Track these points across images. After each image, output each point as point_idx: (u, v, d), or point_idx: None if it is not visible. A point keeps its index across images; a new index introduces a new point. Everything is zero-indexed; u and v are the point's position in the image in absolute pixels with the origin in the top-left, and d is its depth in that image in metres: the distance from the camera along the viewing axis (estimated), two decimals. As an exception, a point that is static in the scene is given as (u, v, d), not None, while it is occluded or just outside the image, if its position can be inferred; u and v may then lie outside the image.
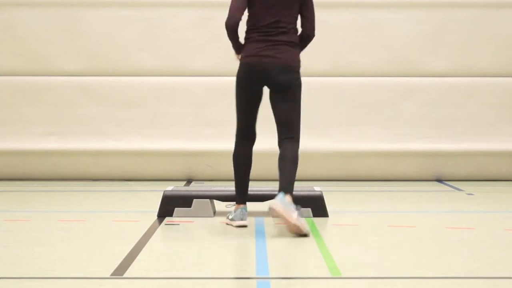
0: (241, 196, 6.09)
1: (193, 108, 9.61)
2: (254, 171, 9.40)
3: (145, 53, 9.61)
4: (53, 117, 9.57)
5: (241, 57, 5.95)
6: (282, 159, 5.90)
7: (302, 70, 9.48)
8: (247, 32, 5.96)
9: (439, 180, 9.58)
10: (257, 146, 9.81)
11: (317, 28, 9.62)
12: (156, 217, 6.38)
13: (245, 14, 5.97)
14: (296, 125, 6.03)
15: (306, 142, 9.77)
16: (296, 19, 5.98)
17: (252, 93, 5.95)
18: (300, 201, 6.42)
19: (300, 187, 6.79)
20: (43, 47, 9.56)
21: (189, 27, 9.62)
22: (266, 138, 9.30)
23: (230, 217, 6.05)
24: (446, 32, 9.61)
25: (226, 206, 6.42)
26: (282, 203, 5.57)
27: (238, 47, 5.93)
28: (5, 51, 9.56)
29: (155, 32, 9.62)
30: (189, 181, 9.35)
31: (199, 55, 9.57)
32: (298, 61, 6.09)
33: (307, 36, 6.10)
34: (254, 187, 6.62)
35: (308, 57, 9.70)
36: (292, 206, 5.57)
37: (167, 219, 6.31)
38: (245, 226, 5.93)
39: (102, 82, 9.62)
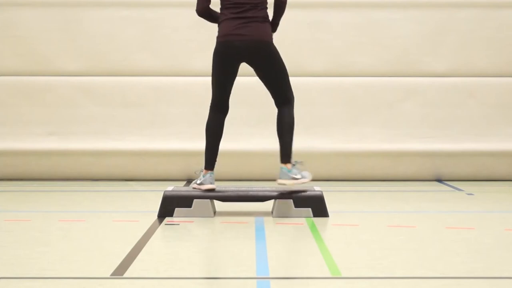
0: (212, 162, 6.49)
1: (193, 108, 9.60)
2: (253, 171, 9.44)
3: (145, 53, 9.61)
4: (53, 117, 9.57)
5: (217, 35, 6.34)
6: (279, 126, 6.39)
7: (301, 69, 9.55)
8: (220, 9, 6.33)
9: (439, 180, 9.58)
10: (256, 146, 9.85)
11: (317, 28, 9.68)
12: (156, 217, 6.38)
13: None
14: (284, 87, 6.38)
15: (306, 142, 9.80)
16: None
17: (226, 71, 6.36)
18: (300, 201, 6.44)
19: (300, 187, 6.80)
20: (43, 47, 9.56)
21: (189, 27, 9.62)
22: (265, 138, 9.32)
23: (198, 181, 6.46)
24: (446, 32, 9.61)
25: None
26: (285, 175, 6.34)
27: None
28: (5, 51, 9.56)
29: (155, 32, 9.62)
30: (189, 181, 9.35)
31: (199, 55, 9.57)
32: (270, 36, 6.36)
33: (281, 3, 6.34)
34: (254, 187, 6.62)
35: (308, 57, 9.75)
36: (293, 171, 6.35)
37: (167, 219, 6.32)
38: (213, 189, 6.42)
39: (102, 82, 9.62)
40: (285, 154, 6.35)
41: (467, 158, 9.56)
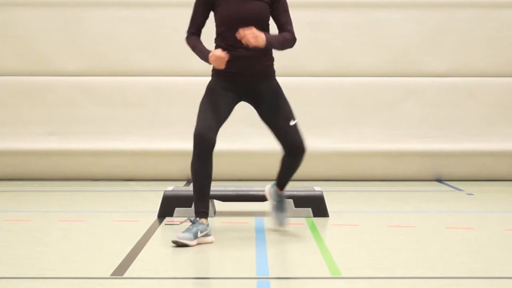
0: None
1: (193, 108, 9.53)
2: (253, 171, 9.44)
3: (145, 53, 9.61)
4: (53, 117, 9.57)
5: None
6: None
7: (302, 69, 9.57)
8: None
9: (439, 180, 9.58)
10: (256, 146, 9.83)
11: (317, 28, 9.68)
12: (156, 217, 6.38)
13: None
14: None
15: (306, 142, 9.79)
16: None
17: None
18: (300, 201, 6.44)
19: (300, 187, 6.80)
20: (43, 47, 9.56)
21: (189, 27, 9.61)
22: (265, 138, 9.32)
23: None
24: (446, 32, 9.61)
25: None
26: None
27: None
28: (6, 51, 9.57)
29: (155, 32, 9.62)
30: (189, 181, 9.35)
31: (199, 55, 9.55)
32: None
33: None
34: (254, 187, 6.62)
35: (308, 57, 9.75)
36: None
37: (167, 219, 6.32)
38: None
39: (102, 82, 9.62)
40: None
41: (467, 158, 9.56)
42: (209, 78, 6.42)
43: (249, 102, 5.67)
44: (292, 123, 5.65)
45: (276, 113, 5.59)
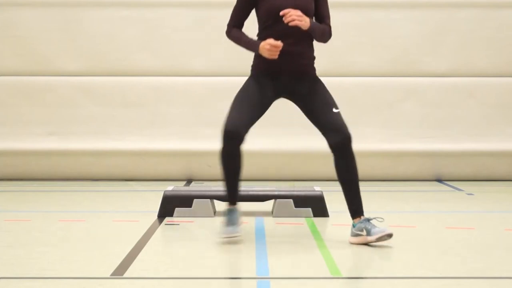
0: None
1: (193, 108, 9.61)
2: (253, 171, 9.43)
3: (145, 53, 9.61)
4: (53, 117, 9.57)
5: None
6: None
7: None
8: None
9: (439, 180, 9.58)
10: (256, 146, 9.82)
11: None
12: (156, 217, 6.38)
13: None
14: None
15: (306, 142, 9.79)
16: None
17: None
18: (300, 201, 6.44)
19: (300, 187, 6.80)
20: (43, 47, 9.56)
21: (189, 27, 9.62)
22: (265, 138, 9.32)
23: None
24: (446, 32, 9.61)
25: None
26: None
27: None
28: (6, 51, 9.56)
29: (155, 32, 9.62)
30: (189, 181, 9.35)
31: (199, 55, 9.57)
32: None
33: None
34: (254, 187, 6.62)
35: (308, 57, 9.74)
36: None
37: (167, 219, 6.32)
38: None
39: (102, 82, 9.62)
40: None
41: (467, 158, 9.56)
42: (209, 78, 6.39)
43: (289, 98, 5.58)
44: (335, 110, 5.65)
45: (318, 101, 5.56)
